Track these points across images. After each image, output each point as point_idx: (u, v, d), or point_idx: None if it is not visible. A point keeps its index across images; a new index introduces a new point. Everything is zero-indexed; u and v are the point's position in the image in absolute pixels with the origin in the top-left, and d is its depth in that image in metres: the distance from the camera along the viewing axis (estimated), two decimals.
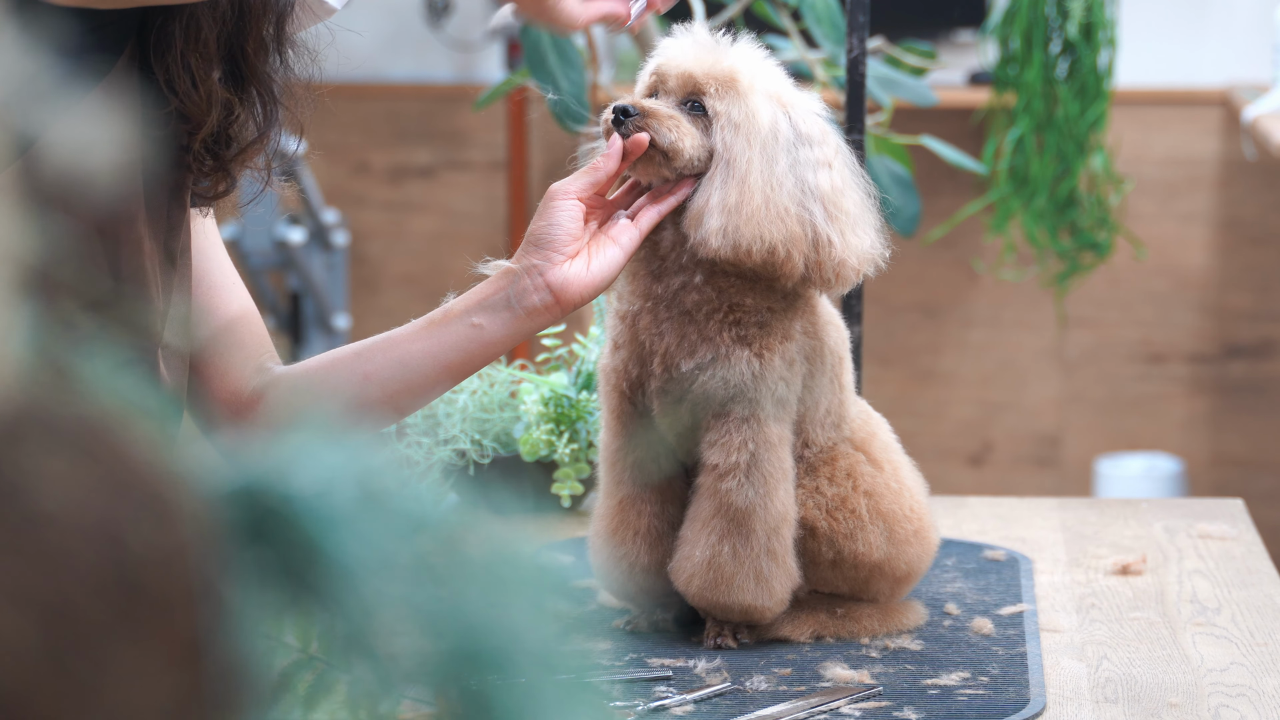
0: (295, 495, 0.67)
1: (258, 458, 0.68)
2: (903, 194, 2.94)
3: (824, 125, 1.78)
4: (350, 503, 0.67)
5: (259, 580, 0.67)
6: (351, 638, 0.67)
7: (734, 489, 1.76)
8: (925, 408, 4.86)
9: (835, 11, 2.88)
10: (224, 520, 0.67)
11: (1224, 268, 4.77)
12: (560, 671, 0.67)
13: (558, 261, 1.72)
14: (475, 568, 0.69)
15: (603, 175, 1.74)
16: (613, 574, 1.84)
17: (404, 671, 0.67)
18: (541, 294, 1.71)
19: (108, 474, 0.63)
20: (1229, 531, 2.16)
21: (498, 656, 0.67)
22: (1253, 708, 1.67)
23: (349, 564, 0.66)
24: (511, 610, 0.68)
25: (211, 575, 0.65)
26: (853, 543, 1.81)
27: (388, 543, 0.67)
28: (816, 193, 1.74)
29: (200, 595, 0.64)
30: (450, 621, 0.67)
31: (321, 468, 0.68)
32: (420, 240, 4.95)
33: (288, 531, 0.67)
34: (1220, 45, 4.72)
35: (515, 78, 3.31)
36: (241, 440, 1.75)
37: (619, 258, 1.74)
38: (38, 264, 0.68)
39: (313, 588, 0.67)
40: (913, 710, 1.64)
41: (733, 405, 1.76)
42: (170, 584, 0.63)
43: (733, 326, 1.76)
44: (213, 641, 0.64)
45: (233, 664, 0.65)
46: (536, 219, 1.74)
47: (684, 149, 1.74)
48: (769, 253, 1.72)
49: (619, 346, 1.81)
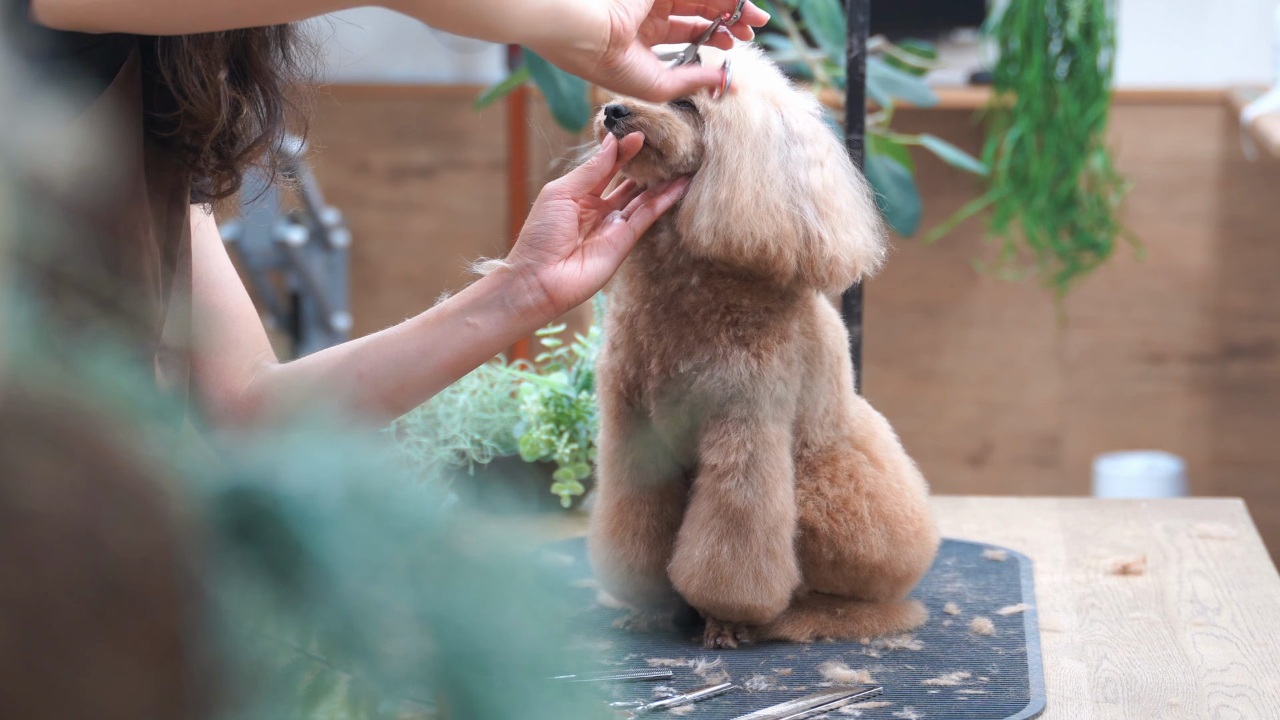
0: (284, 495, 0.67)
1: (247, 457, 0.68)
2: (903, 194, 2.94)
3: (817, 124, 1.78)
4: (339, 503, 0.67)
5: (246, 581, 0.67)
6: (342, 638, 0.66)
7: (732, 489, 1.76)
8: (925, 408, 4.86)
9: (835, 11, 2.88)
10: (210, 520, 0.66)
11: (1224, 268, 4.77)
12: (556, 673, 0.67)
13: (552, 261, 1.72)
14: (469, 569, 0.68)
15: (597, 175, 1.74)
16: (612, 575, 1.84)
17: (399, 673, 0.67)
18: (535, 294, 1.71)
19: (88, 473, 0.62)
20: (1229, 531, 2.16)
21: (492, 658, 0.66)
22: (1253, 708, 1.67)
23: (336, 565, 0.66)
24: (506, 612, 0.68)
25: (196, 575, 0.64)
26: (853, 544, 1.81)
27: (377, 544, 0.67)
28: (807, 190, 1.74)
29: (183, 595, 0.64)
30: (443, 623, 0.66)
31: (311, 468, 0.67)
32: (420, 240, 4.95)
33: (276, 532, 0.67)
34: (1220, 45, 4.72)
35: (515, 78, 3.31)
36: (237, 438, 1.74)
37: (613, 258, 1.74)
38: (33, 261, 0.68)
39: (301, 588, 0.66)
40: (913, 710, 1.64)
41: (731, 406, 1.76)
42: (151, 584, 0.63)
43: (730, 327, 1.76)
44: (196, 642, 0.64)
45: (217, 665, 0.64)
46: (531, 219, 1.74)
47: (677, 145, 1.74)
48: (760, 250, 1.72)
49: (616, 347, 1.81)
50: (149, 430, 0.66)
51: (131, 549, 0.62)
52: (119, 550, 0.62)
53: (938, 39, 4.68)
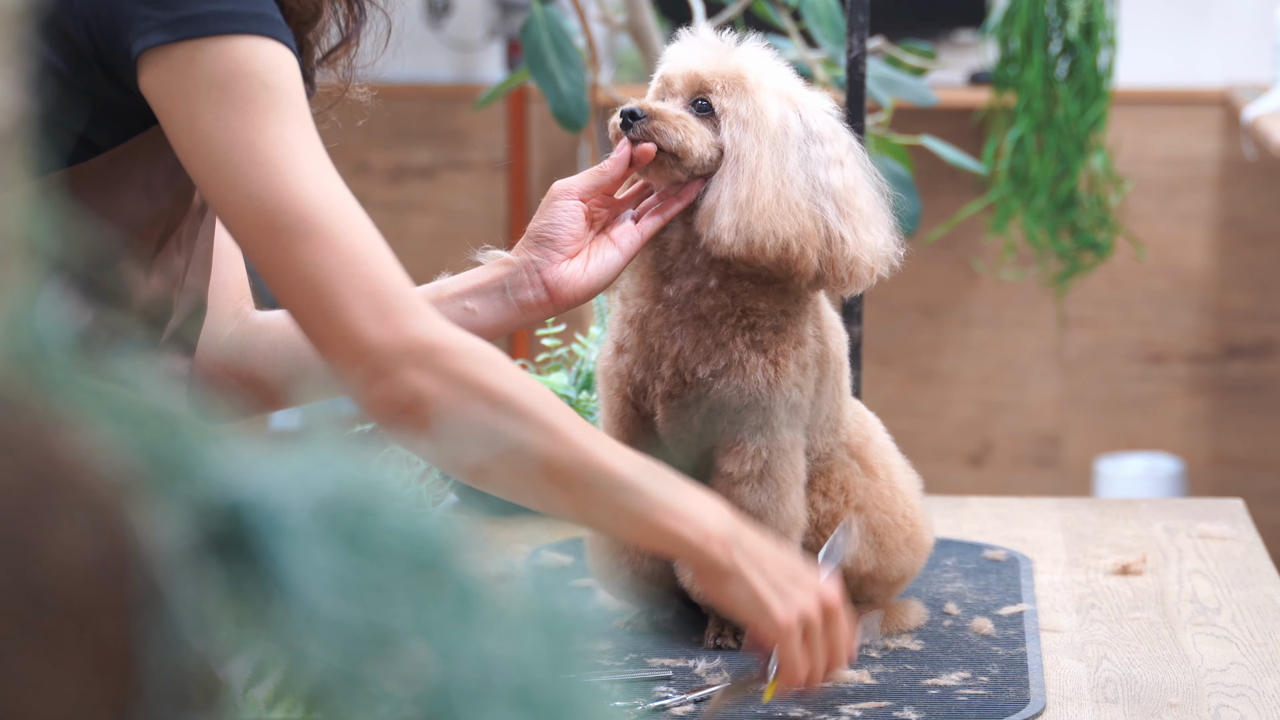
0: (251, 508, 0.65)
1: (219, 469, 0.66)
2: (903, 194, 2.93)
3: (835, 124, 1.77)
4: (307, 520, 0.66)
5: (207, 594, 0.65)
6: (298, 658, 0.65)
7: (746, 494, 1.75)
8: (925, 408, 4.86)
9: (835, 11, 2.88)
10: (174, 531, 0.65)
11: (1224, 268, 4.77)
12: (546, 700, 0.66)
13: (556, 260, 1.71)
14: (454, 589, 0.67)
15: (607, 179, 1.73)
16: (615, 579, 1.83)
17: (373, 692, 0.65)
18: (536, 290, 1.71)
19: (29, 478, 0.61)
20: (1229, 531, 2.16)
21: (476, 684, 0.65)
22: (1253, 708, 1.67)
23: (293, 583, 0.65)
24: (492, 635, 0.66)
25: (150, 586, 0.63)
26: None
27: (348, 561, 0.66)
28: (828, 189, 1.72)
29: (134, 606, 0.62)
30: (424, 644, 0.65)
31: (284, 482, 0.66)
32: (420, 240, 4.94)
33: (241, 545, 0.65)
34: (1220, 45, 4.72)
35: (515, 78, 3.31)
36: (211, 390, 1.71)
37: (617, 260, 1.73)
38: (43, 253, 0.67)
39: (257, 603, 0.65)
40: (913, 710, 1.64)
41: (746, 414, 1.75)
42: (93, 594, 0.61)
43: (747, 331, 1.74)
44: (147, 653, 0.62)
45: (171, 676, 0.63)
46: (538, 216, 1.74)
47: (693, 148, 1.73)
48: (783, 249, 1.70)
49: (624, 350, 1.79)
50: (116, 437, 0.64)
51: (71, 557, 0.61)
52: (57, 558, 0.60)
53: (938, 39, 4.68)
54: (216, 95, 1.43)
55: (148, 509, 0.63)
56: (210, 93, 1.43)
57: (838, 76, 2.88)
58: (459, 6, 4.89)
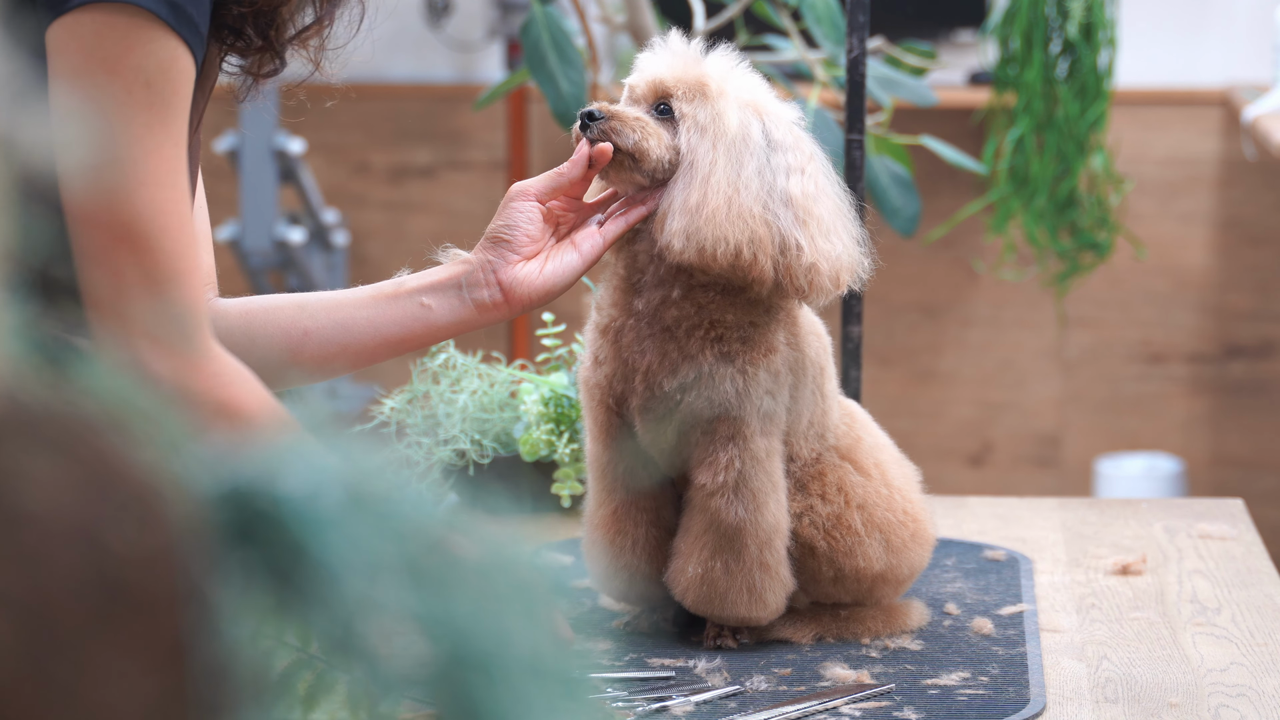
0: (284, 497, 0.67)
1: (247, 459, 0.68)
2: (903, 194, 2.94)
3: (799, 133, 1.76)
4: (338, 505, 0.67)
5: (246, 582, 0.67)
6: (342, 640, 0.66)
7: (723, 507, 1.75)
8: (925, 408, 4.86)
9: (835, 11, 2.88)
10: (212, 522, 0.66)
11: (1224, 268, 4.77)
12: (556, 674, 0.67)
13: (512, 261, 1.72)
14: (469, 571, 0.68)
15: (565, 180, 1.74)
16: (613, 582, 1.83)
17: (398, 674, 0.67)
18: (492, 290, 1.72)
19: (90, 475, 0.62)
20: (1229, 531, 2.16)
21: (492, 660, 0.66)
22: (1253, 708, 1.67)
23: (336, 566, 0.66)
24: (505, 613, 0.67)
25: (197, 577, 0.64)
26: (853, 559, 1.81)
27: (377, 546, 0.67)
28: (785, 196, 1.72)
29: (185, 597, 0.64)
30: (443, 625, 0.66)
31: (310, 470, 0.68)
32: (420, 240, 4.93)
33: (276, 534, 0.67)
34: (1220, 45, 4.72)
35: (515, 78, 3.31)
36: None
37: (576, 264, 1.74)
38: (33, 261, 0.68)
39: (301, 590, 0.66)
40: (913, 710, 1.64)
41: (718, 424, 1.75)
42: (153, 585, 0.63)
43: (715, 343, 1.74)
44: (197, 643, 0.64)
45: (219, 666, 0.64)
46: (495, 218, 1.75)
47: (650, 149, 1.73)
48: (734, 254, 1.69)
49: (601, 362, 1.79)
50: (148, 433, 0.66)
51: (133, 551, 0.62)
52: (121, 552, 0.62)
53: (938, 39, 4.68)
54: (104, 77, 1.44)
55: (188, 502, 0.65)
56: (100, 67, 1.44)
57: (838, 76, 2.88)
58: (459, 6, 4.89)
